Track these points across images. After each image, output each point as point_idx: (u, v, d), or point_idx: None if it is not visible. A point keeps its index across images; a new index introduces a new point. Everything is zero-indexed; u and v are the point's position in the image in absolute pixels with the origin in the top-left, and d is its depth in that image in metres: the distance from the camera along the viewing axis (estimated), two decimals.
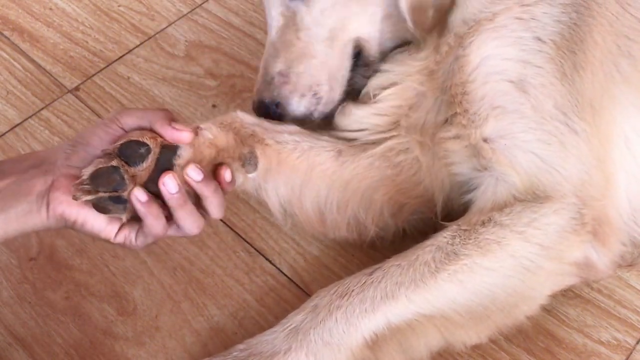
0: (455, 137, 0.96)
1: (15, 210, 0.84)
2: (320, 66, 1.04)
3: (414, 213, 1.04)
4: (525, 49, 0.93)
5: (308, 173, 1.01)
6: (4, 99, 1.33)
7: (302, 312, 0.89)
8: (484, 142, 0.93)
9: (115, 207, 0.84)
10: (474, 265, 0.87)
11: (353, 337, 0.86)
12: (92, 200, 0.83)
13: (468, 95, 0.94)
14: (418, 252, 0.89)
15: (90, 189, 0.83)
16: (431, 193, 1.02)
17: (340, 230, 1.03)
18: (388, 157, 1.02)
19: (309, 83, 1.04)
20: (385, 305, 0.86)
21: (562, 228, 0.89)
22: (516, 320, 0.92)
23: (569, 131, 0.92)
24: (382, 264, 0.90)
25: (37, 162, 0.88)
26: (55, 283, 1.07)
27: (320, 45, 1.04)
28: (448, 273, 0.87)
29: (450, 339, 0.90)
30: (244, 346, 0.89)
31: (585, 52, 0.94)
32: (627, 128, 0.96)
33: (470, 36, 0.96)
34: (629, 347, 0.98)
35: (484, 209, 0.92)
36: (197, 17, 1.47)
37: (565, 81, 0.92)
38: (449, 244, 0.89)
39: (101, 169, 0.84)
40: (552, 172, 0.91)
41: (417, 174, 1.02)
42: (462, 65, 0.95)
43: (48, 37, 1.43)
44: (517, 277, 0.88)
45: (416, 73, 1.01)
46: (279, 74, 1.04)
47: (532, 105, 0.92)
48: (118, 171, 0.84)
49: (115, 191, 0.84)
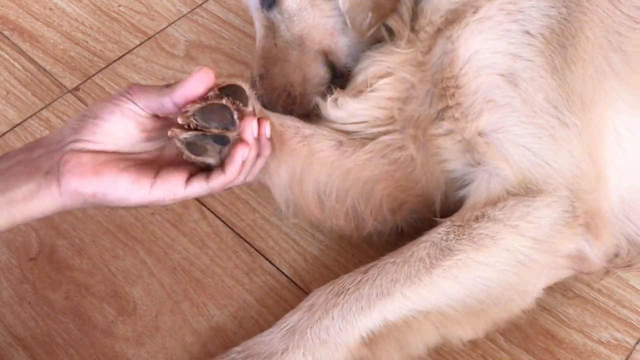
0: (447, 133, 0.96)
1: (20, 190, 0.79)
2: (294, 69, 1.11)
3: (413, 212, 1.04)
4: (514, 42, 0.94)
5: (309, 158, 1.01)
6: (4, 99, 1.33)
7: (298, 312, 0.89)
8: (479, 136, 0.93)
9: (213, 147, 0.82)
10: (469, 260, 0.87)
11: (350, 335, 0.86)
12: (191, 139, 0.80)
13: (461, 89, 0.94)
14: (413, 249, 0.90)
15: (197, 124, 0.80)
16: (428, 192, 1.02)
17: (339, 219, 1.03)
18: (385, 153, 1.02)
19: (283, 83, 1.11)
20: (381, 302, 0.86)
21: (555, 221, 0.89)
22: (512, 314, 0.92)
23: (560, 124, 0.92)
24: (377, 261, 0.91)
25: (43, 142, 0.84)
26: (55, 283, 1.07)
27: (294, 51, 1.12)
28: (443, 269, 0.87)
29: (446, 335, 0.90)
30: (240, 348, 0.89)
31: (576, 46, 0.94)
32: (618, 123, 0.96)
33: (456, 29, 0.96)
34: (629, 347, 0.98)
35: (478, 205, 0.92)
36: (197, 17, 1.47)
37: (555, 75, 0.93)
38: (443, 239, 0.89)
39: (214, 104, 0.81)
40: (544, 165, 0.91)
41: (414, 172, 1.02)
42: (452, 59, 0.95)
43: (48, 37, 1.43)
44: (512, 271, 0.88)
45: (406, 63, 1.01)
46: (260, 77, 1.13)
47: (522, 98, 0.92)
48: (229, 110, 0.82)
49: (225, 129, 0.81)
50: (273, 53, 1.13)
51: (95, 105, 0.86)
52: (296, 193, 1.01)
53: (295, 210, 1.03)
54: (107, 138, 0.83)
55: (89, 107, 0.87)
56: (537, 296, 0.93)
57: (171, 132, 0.81)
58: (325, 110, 1.04)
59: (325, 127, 1.04)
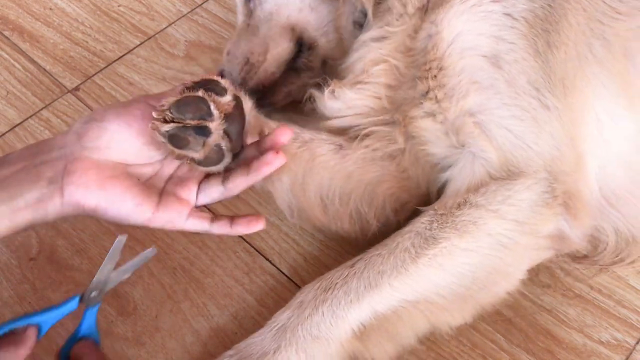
0: (428, 114, 0.96)
1: (24, 199, 0.78)
2: (259, 43, 1.17)
3: (415, 211, 1.04)
4: (497, 24, 0.94)
5: (310, 162, 1.01)
6: (4, 99, 1.33)
7: (287, 310, 0.89)
8: (466, 117, 0.93)
9: (195, 139, 0.81)
10: (453, 247, 0.88)
11: (341, 329, 0.86)
12: (172, 131, 0.80)
13: (444, 70, 0.95)
14: (397, 240, 0.90)
15: (173, 117, 0.79)
16: (425, 189, 1.03)
17: (343, 222, 1.03)
18: (378, 147, 1.02)
19: (245, 54, 1.17)
20: (370, 294, 0.87)
21: (535, 202, 0.90)
22: (497, 298, 0.93)
23: (541, 106, 0.92)
24: (364, 254, 0.91)
25: (47, 147, 0.82)
26: (55, 283, 1.07)
27: (263, 28, 1.17)
28: (428, 258, 0.88)
29: (435, 322, 0.90)
30: (233, 352, 0.89)
31: (559, 32, 0.95)
32: (600, 109, 0.97)
33: (441, 13, 0.96)
34: (629, 347, 0.98)
35: (460, 191, 0.93)
36: (197, 17, 1.47)
37: (538, 58, 0.93)
38: (427, 229, 0.90)
39: (188, 97, 0.80)
40: (524, 147, 0.92)
41: (404, 164, 1.02)
42: (436, 42, 0.96)
43: (48, 37, 1.43)
44: (495, 255, 0.89)
45: (396, 50, 1.02)
46: (227, 53, 1.20)
47: (506, 80, 0.93)
48: (205, 101, 0.81)
49: (202, 119, 0.80)
50: (246, 32, 1.19)
51: (103, 108, 0.85)
52: (299, 198, 1.01)
53: (299, 215, 1.03)
54: (112, 143, 0.82)
55: (98, 109, 0.85)
56: (521, 278, 0.94)
57: (152, 125, 0.80)
58: (322, 102, 1.05)
59: (324, 133, 1.04)
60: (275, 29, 1.17)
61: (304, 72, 1.20)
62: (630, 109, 0.97)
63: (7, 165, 0.80)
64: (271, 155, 0.86)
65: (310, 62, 1.20)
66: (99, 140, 0.81)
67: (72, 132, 0.83)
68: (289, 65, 1.19)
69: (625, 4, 0.99)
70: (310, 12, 1.16)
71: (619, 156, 0.98)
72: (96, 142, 0.81)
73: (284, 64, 1.18)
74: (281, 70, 1.19)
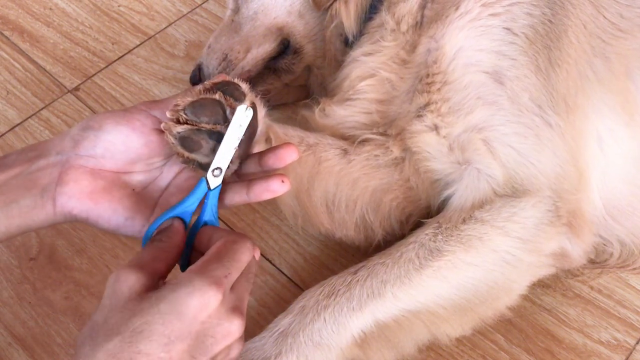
0: (430, 129, 0.95)
1: (18, 205, 0.78)
2: (240, 41, 1.17)
3: (419, 224, 1.03)
4: (496, 39, 0.94)
5: (315, 167, 1.00)
6: (4, 99, 1.33)
7: (289, 315, 0.89)
8: (473, 133, 0.93)
9: (207, 144, 0.78)
10: (458, 261, 0.88)
11: (342, 337, 0.86)
12: (184, 133, 0.77)
13: (450, 85, 0.94)
14: (401, 250, 0.90)
15: (188, 118, 0.77)
16: (426, 202, 1.02)
17: (349, 230, 1.02)
18: (379, 155, 1.01)
19: (225, 50, 1.17)
20: (372, 303, 0.87)
21: (540, 221, 0.90)
22: (497, 311, 0.93)
23: (544, 124, 0.92)
24: (366, 262, 0.91)
25: (43, 151, 0.81)
26: (55, 283, 1.07)
27: (247, 26, 1.17)
28: (433, 269, 0.88)
29: (436, 333, 0.91)
30: None
31: (560, 49, 0.95)
32: (601, 127, 0.97)
33: (440, 28, 0.96)
34: (629, 347, 0.98)
35: (465, 206, 0.92)
36: (197, 17, 1.47)
37: (539, 75, 0.93)
38: (431, 240, 0.89)
39: (205, 99, 0.78)
40: (528, 165, 0.92)
41: (405, 174, 1.01)
42: (437, 57, 0.95)
43: (48, 37, 1.43)
44: (499, 271, 0.89)
45: (389, 61, 1.01)
46: (208, 47, 1.20)
47: (508, 97, 0.92)
48: (222, 105, 0.78)
49: (217, 124, 0.78)
50: (230, 28, 1.19)
51: (101, 114, 0.83)
52: (304, 204, 1.00)
53: (304, 221, 1.02)
54: (107, 152, 0.81)
55: (97, 115, 0.84)
56: (522, 293, 0.94)
57: (164, 125, 0.78)
58: (314, 121, 1.05)
59: (328, 137, 1.03)
60: (259, 28, 1.16)
61: (283, 74, 1.20)
62: (631, 127, 0.97)
63: (4, 169, 0.80)
64: (277, 183, 0.82)
65: (292, 65, 1.19)
66: (95, 149, 0.80)
67: (69, 138, 0.82)
68: (268, 65, 1.18)
69: (627, 21, 0.98)
70: (299, 18, 1.15)
71: (621, 172, 0.98)
72: (91, 151, 0.80)
73: (262, 64, 1.18)
74: (257, 70, 1.18)
